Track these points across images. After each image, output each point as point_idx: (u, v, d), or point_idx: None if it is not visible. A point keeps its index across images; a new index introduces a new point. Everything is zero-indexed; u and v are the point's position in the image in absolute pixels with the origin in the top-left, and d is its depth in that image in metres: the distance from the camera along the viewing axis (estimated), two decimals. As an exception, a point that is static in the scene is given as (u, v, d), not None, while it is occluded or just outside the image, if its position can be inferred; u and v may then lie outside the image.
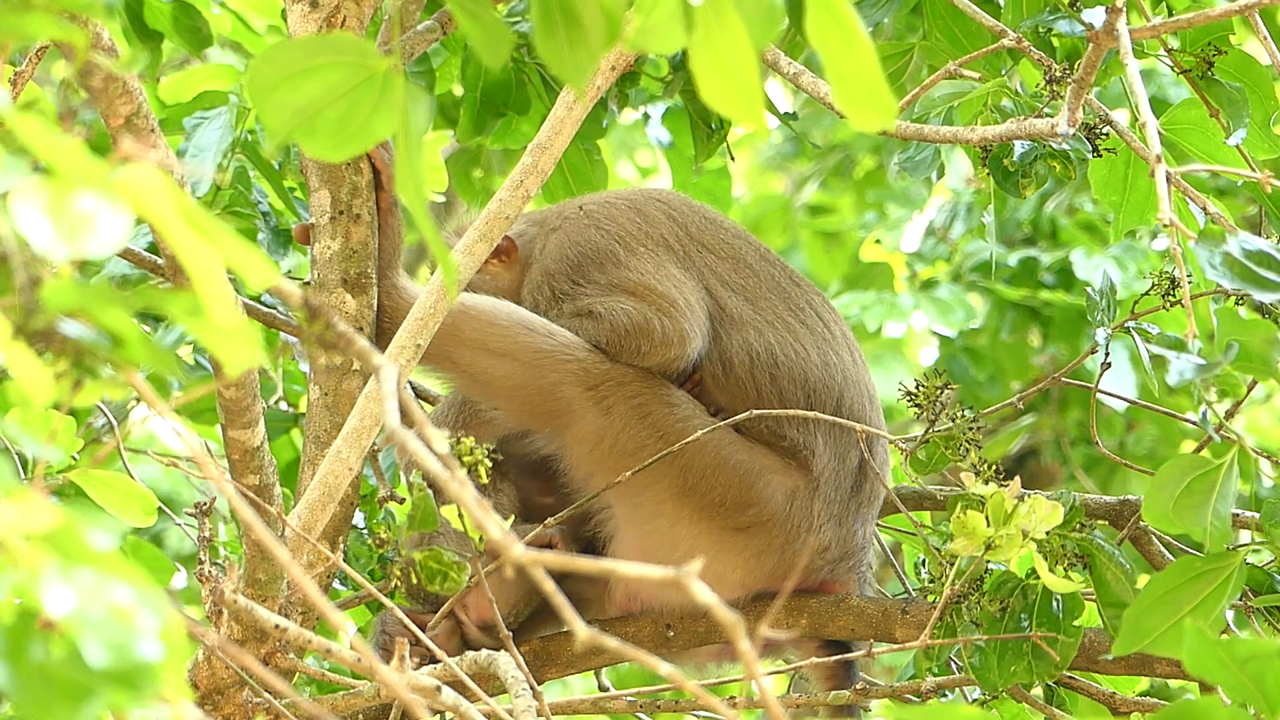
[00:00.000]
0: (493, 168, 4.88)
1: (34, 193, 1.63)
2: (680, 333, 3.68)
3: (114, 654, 1.49)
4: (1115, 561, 3.34)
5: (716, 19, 1.93)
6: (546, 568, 1.66)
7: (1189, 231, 2.76)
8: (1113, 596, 3.33)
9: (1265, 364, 2.78)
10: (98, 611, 1.50)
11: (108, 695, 1.48)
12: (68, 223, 1.62)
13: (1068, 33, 3.55)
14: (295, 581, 3.35)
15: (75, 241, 1.61)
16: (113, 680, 1.48)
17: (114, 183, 1.66)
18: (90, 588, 1.52)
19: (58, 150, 1.64)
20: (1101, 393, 3.71)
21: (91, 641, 1.49)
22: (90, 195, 1.63)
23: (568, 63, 2.03)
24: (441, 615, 3.61)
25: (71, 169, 1.63)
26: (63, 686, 1.48)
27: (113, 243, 1.63)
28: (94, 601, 1.51)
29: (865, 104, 1.97)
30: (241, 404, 3.29)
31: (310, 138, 2.09)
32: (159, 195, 1.67)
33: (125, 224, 1.64)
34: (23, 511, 1.55)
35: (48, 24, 1.80)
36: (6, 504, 1.56)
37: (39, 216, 1.61)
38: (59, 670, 1.49)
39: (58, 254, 1.61)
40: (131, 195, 1.66)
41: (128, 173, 1.67)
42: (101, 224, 1.63)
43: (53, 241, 1.61)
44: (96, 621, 1.50)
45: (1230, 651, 1.97)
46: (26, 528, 1.55)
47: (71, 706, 1.47)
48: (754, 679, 1.61)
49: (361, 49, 2.10)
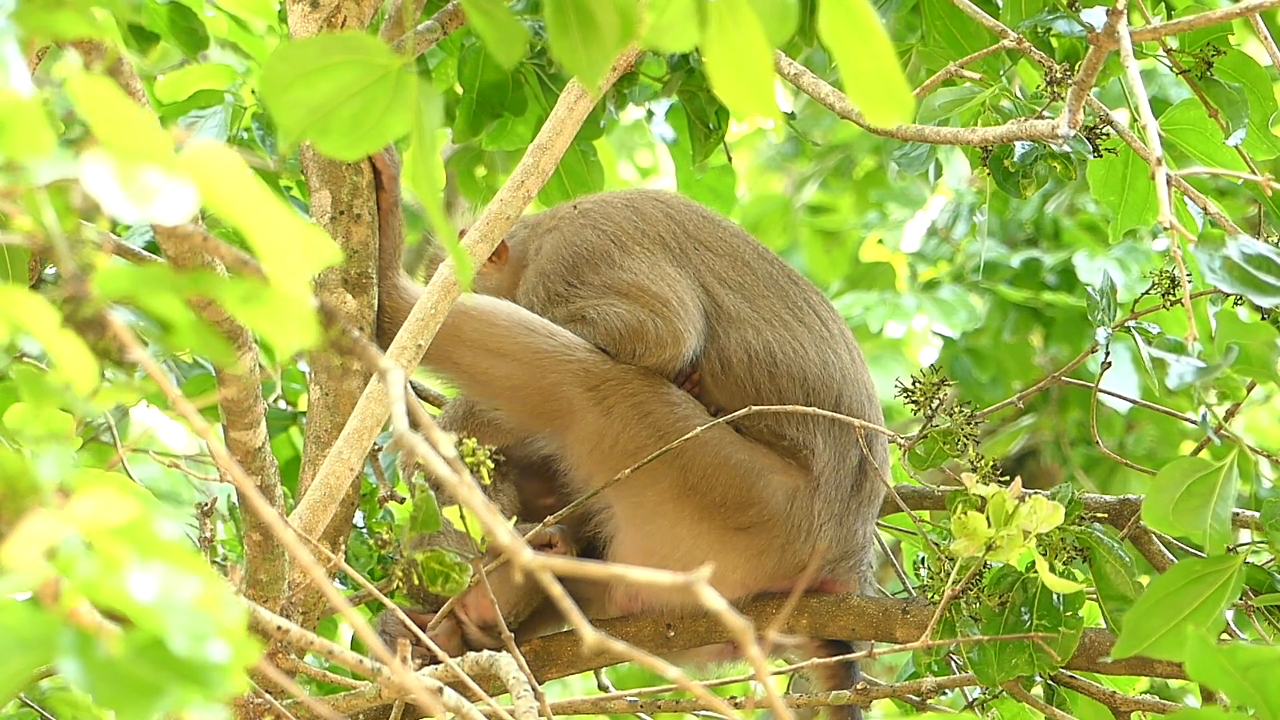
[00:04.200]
0: (496, 166, 4.89)
1: (103, 161, 1.62)
2: (674, 333, 3.68)
3: (193, 644, 1.49)
4: (1115, 554, 3.34)
5: (731, 15, 1.92)
6: (553, 571, 1.66)
7: (1189, 234, 2.76)
8: (1113, 589, 3.33)
9: (1265, 367, 2.79)
10: (179, 601, 1.50)
11: (179, 691, 1.48)
12: (136, 188, 1.61)
13: (1066, 33, 3.55)
14: (305, 582, 3.35)
15: (144, 206, 1.61)
16: (184, 675, 1.48)
17: (179, 160, 1.66)
18: (169, 578, 1.52)
19: (128, 123, 1.63)
20: (1102, 392, 3.71)
21: (175, 631, 1.49)
22: (156, 170, 1.63)
23: (581, 60, 2.03)
24: (442, 615, 3.61)
25: (138, 145, 1.63)
26: (133, 682, 1.48)
27: (182, 211, 1.62)
28: (174, 591, 1.51)
29: (882, 100, 1.95)
30: (243, 405, 3.29)
31: (323, 136, 2.09)
32: (227, 172, 1.66)
33: (192, 194, 1.63)
34: (99, 504, 1.54)
35: (77, 22, 1.79)
36: (84, 497, 1.56)
37: (109, 181, 1.60)
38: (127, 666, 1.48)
39: (128, 215, 1.60)
40: (197, 171, 1.66)
41: (193, 150, 1.66)
42: (169, 192, 1.62)
43: (123, 204, 1.60)
44: (177, 611, 1.50)
45: (1232, 657, 1.97)
46: (103, 520, 1.54)
47: (144, 702, 1.47)
48: (761, 681, 1.61)
49: (374, 48, 2.09)
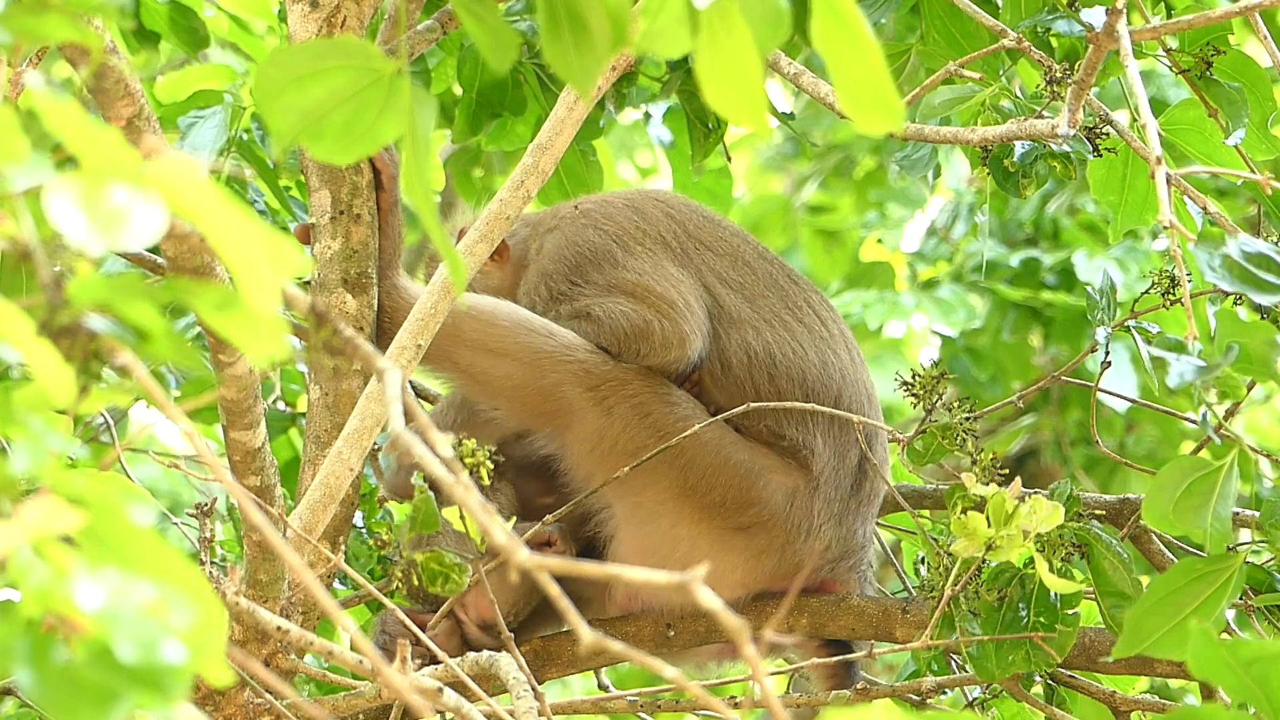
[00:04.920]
0: (493, 167, 4.89)
1: (67, 186, 1.61)
2: (680, 335, 3.68)
3: (142, 652, 1.48)
4: (1113, 551, 3.34)
5: (722, 22, 1.92)
6: (550, 571, 1.66)
7: (1188, 233, 2.76)
8: (1111, 586, 3.33)
9: (1265, 366, 2.78)
10: (127, 608, 1.50)
11: (134, 697, 1.48)
12: (102, 215, 1.60)
13: (1066, 33, 3.55)
14: (301, 583, 3.35)
15: (110, 234, 1.60)
16: (138, 681, 1.48)
17: (147, 175, 1.65)
18: (119, 584, 1.51)
19: (92, 140, 1.63)
20: (1102, 391, 3.71)
21: (121, 639, 1.48)
22: (123, 188, 1.62)
23: (574, 66, 2.03)
24: (441, 615, 3.61)
25: (104, 161, 1.62)
26: (87, 689, 1.48)
27: (148, 235, 1.61)
28: (123, 598, 1.50)
29: (872, 107, 1.95)
30: (243, 405, 3.29)
31: (317, 141, 2.09)
32: (193, 186, 1.66)
33: (160, 216, 1.62)
34: (45, 511, 1.54)
35: (63, 25, 1.79)
36: (29, 504, 1.55)
37: (73, 209, 1.60)
38: (83, 672, 1.48)
39: (93, 247, 1.59)
40: (165, 187, 1.65)
41: (160, 165, 1.66)
42: (136, 216, 1.61)
43: (87, 234, 1.59)
44: (125, 618, 1.49)
45: (1234, 653, 1.97)
46: (48, 527, 1.54)
47: (98, 709, 1.47)
48: (758, 681, 1.61)
49: (367, 52, 2.09)
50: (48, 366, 1.64)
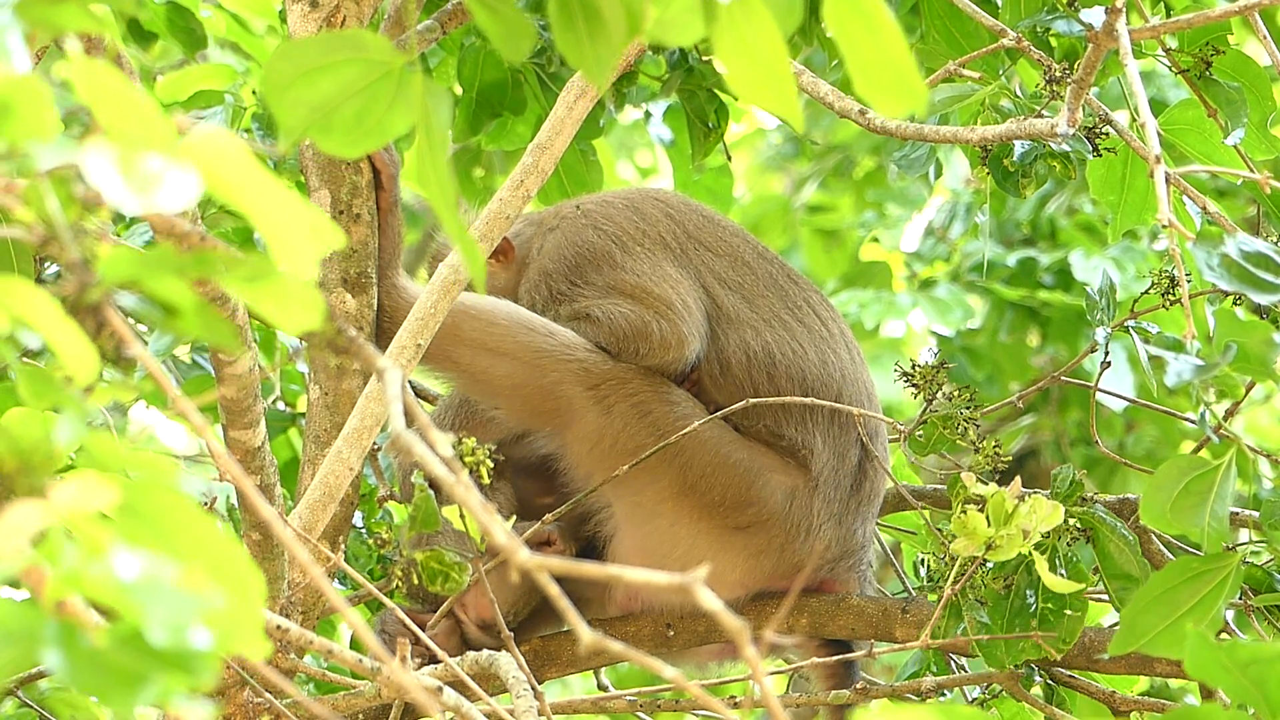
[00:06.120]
0: (493, 167, 4.89)
1: (105, 149, 1.61)
2: (679, 336, 3.68)
3: (172, 635, 1.48)
4: (1119, 534, 3.34)
5: (742, 8, 1.89)
6: (549, 571, 1.66)
7: (1187, 233, 2.76)
8: (1117, 568, 3.34)
9: (1263, 365, 2.79)
10: (158, 590, 1.49)
11: (163, 680, 1.47)
12: (138, 178, 1.59)
13: (1066, 32, 3.55)
14: (302, 582, 3.35)
15: (147, 195, 1.59)
16: (168, 664, 1.47)
17: (183, 145, 1.65)
18: (150, 565, 1.50)
19: (130, 108, 1.62)
20: (1101, 391, 3.71)
21: (153, 621, 1.48)
22: (158, 157, 1.61)
23: (588, 56, 2.00)
24: (441, 614, 3.61)
25: (140, 131, 1.61)
26: (117, 672, 1.47)
27: (185, 199, 1.61)
28: (155, 578, 1.50)
29: (892, 89, 1.90)
30: (243, 404, 3.29)
31: (325, 135, 2.07)
32: (231, 157, 1.65)
33: (195, 183, 1.62)
34: (82, 489, 1.53)
35: (79, 16, 1.78)
36: (66, 483, 1.54)
37: (110, 170, 1.59)
38: (112, 656, 1.47)
39: (130, 207, 1.58)
40: (200, 158, 1.64)
41: (196, 136, 1.65)
42: (172, 179, 1.60)
43: (124, 194, 1.59)
44: (156, 600, 1.49)
45: (1232, 654, 1.97)
46: (86, 506, 1.53)
47: (128, 691, 1.46)
48: (758, 681, 1.61)
49: (376, 46, 2.07)
50: (72, 350, 1.63)
